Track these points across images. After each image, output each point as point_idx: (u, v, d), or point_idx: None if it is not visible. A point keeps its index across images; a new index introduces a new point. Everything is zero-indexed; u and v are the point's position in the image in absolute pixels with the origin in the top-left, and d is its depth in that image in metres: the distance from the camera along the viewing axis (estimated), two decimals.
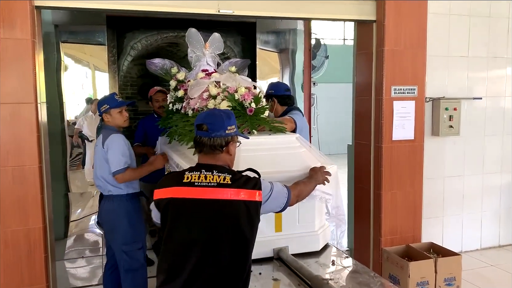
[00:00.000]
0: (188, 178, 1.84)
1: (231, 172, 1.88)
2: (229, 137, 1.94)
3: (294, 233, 2.43)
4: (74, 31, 4.55)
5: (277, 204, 2.00)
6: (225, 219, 1.81)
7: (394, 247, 4.05)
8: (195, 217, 1.80)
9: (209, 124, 1.88)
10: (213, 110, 1.99)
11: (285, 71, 5.44)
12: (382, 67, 3.90)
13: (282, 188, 2.03)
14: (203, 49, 3.54)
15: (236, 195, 1.81)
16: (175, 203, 1.82)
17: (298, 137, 2.64)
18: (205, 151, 1.90)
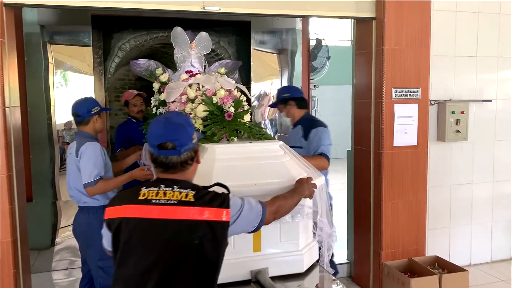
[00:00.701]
0: (144, 194, 1.58)
1: (195, 188, 1.64)
2: (196, 145, 1.70)
3: (275, 252, 2.17)
4: (61, 32, 4.34)
5: (249, 224, 1.73)
6: (187, 242, 1.56)
7: (395, 261, 3.77)
8: (151, 240, 1.55)
9: (176, 140, 1.61)
10: (167, 121, 1.66)
11: (283, 72, 5.19)
12: (382, 68, 3.63)
13: (255, 205, 1.77)
14: (189, 49, 3.31)
15: (200, 214, 1.56)
16: (128, 223, 1.56)
17: (282, 144, 2.38)
18: (172, 170, 1.65)
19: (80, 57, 4.22)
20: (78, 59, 4.24)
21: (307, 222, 2.27)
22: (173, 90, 2.65)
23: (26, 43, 4.12)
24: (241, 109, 2.43)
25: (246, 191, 2.06)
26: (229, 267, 2.06)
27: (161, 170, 1.65)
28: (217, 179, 2.07)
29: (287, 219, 2.06)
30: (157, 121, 1.68)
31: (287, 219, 2.06)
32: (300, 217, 2.08)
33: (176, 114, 1.81)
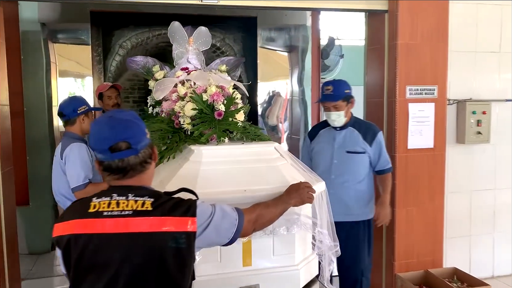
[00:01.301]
0: (95, 206, 1.37)
1: (154, 195, 1.42)
2: (151, 140, 1.49)
3: (267, 267, 1.93)
4: (62, 30, 4.22)
5: (221, 235, 1.49)
6: (145, 259, 1.34)
7: (410, 272, 3.49)
8: (105, 259, 1.33)
9: (130, 138, 1.38)
10: (111, 119, 1.42)
11: (293, 71, 4.95)
12: (395, 64, 3.37)
13: (230, 212, 1.53)
14: (187, 45, 3.11)
15: (159, 225, 1.34)
16: (77, 241, 1.34)
17: (278, 146, 2.15)
18: (131, 174, 1.42)
19: (79, 55, 4.08)
20: (78, 57, 4.09)
21: (305, 234, 2.03)
22: (162, 87, 2.45)
23: (24, 41, 3.99)
24: (234, 107, 2.21)
25: (235, 198, 1.84)
26: (215, 284, 1.86)
27: (117, 177, 1.41)
28: (202, 185, 1.87)
29: (282, 231, 1.83)
30: (99, 122, 1.43)
31: (282, 231, 1.83)
32: (296, 228, 1.84)
33: (118, 111, 1.54)
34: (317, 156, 3.07)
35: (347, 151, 2.97)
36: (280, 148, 2.15)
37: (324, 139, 3.07)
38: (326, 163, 2.98)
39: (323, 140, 3.07)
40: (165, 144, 2.27)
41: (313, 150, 3.12)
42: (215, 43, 4.58)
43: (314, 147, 3.11)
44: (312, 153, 3.12)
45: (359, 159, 2.97)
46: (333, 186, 2.85)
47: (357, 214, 2.99)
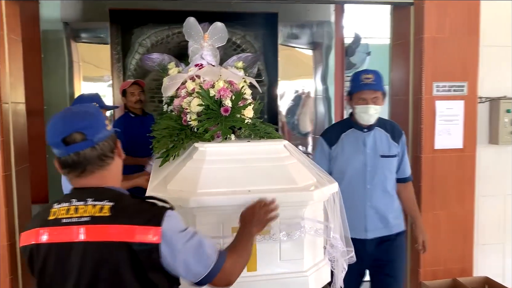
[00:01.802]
0: (54, 213, 1.26)
1: (115, 197, 1.27)
2: (112, 133, 1.35)
3: (274, 273, 1.81)
4: (83, 29, 4.22)
5: (192, 263, 1.26)
6: (101, 271, 1.21)
7: (436, 281, 3.28)
8: (64, 271, 1.23)
9: (84, 128, 1.25)
10: (66, 113, 1.31)
11: (317, 69, 4.79)
12: (421, 59, 3.17)
13: (210, 246, 1.33)
14: (202, 41, 3.03)
15: (116, 234, 1.20)
16: (39, 250, 1.25)
17: (287, 144, 2.02)
18: (90, 169, 1.28)
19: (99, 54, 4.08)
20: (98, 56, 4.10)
21: (316, 238, 1.90)
22: (170, 83, 2.37)
23: (45, 40, 4.02)
24: (242, 102, 2.10)
25: (238, 200, 1.74)
26: None
27: (76, 175, 1.29)
28: (204, 184, 1.77)
29: (282, 237, 1.70)
30: (54, 117, 1.31)
31: (282, 237, 1.70)
32: (298, 234, 1.71)
33: (80, 105, 1.45)
34: (345, 164, 2.60)
35: (381, 155, 2.59)
36: (290, 146, 2.03)
37: (350, 143, 2.61)
38: (358, 172, 2.57)
39: (349, 145, 2.60)
40: (172, 142, 2.19)
41: (335, 157, 2.62)
42: (235, 41, 4.49)
43: (338, 153, 2.62)
44: (334, 161, 2.63)
45: (393, 164, 2.63)
46: (370, 197, 2.56)
47: (395, 225, 2.67)
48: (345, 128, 2.66)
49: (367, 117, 2.55)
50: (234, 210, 1.76)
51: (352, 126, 2.64)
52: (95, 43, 4.18)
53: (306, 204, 1.79)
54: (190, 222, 1.73)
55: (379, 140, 2.62)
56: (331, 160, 2.64)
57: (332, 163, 2.64)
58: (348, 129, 2.64)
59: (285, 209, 1.78)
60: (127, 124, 3.67)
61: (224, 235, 1.74)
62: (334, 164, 2.63)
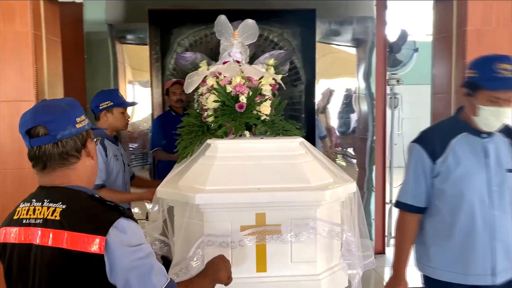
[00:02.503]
0: (18, 213, 1.24)
1: (70, 200, 1.21)
2: (84, 132, 1.28)
3: (284, 275, 1.74)
4: (126, 30, 4.35)
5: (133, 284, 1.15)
6: (47, 278, 1.18)
7: None
8: (23, 273, 1.21)
9: (48, 123, 1.21)
10: (39, 103, 1.29)
11: (359, 67, 4.62)
12: (464, 54, 2.95)
13: (161, 272, 1.22)
14: (232, 39, 3.01)
15: (61, 240, 1.15)
16: (4, 250, 1.25)
17: (303, 142, 1.95)
18: (51, 166, 1.23)
19: (140, 54, 4.19)
20: (139, 56, 4.21)
21: (331, 240, 1.81)
22: (191, 80, 2.37)
23: (89, 41, 4.18)
24: (259, 98, 2.05)
25: (246, 197, 1.69)
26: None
27: (39, 169, 1.25)
28: (213, 181, 1.75)
29: (290, 237, 1.63)
30: (33, 107, 1.29)
31: (290, 237, 1.63)
32: (307, 235, 1.63)
33: (60, 98, 1.43)
34: (460, 183, 1.84)
35: (507, 170, 1.86)
36: (306, 144, 1.95)
37: (465, 153, 1.85)
38: (480, 193, 1.83)
39: (465, 156, 1.85)
40: (191, 139, 2.18)
41: (443, 174, 1.86)
42: (272, 38, 4.44)
43: (447, 169, 1.85)
44: (442, 179, 1.87)
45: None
46: (499, 227, 1.82)
47: None
48: (454, 132, 1.89)
49: (496, 123, 1.82)
50: (243, 208, 1.72)
51: (465, 129, 1.88)
52: (136, 44, 4.29)
53: (318, 205, 1.71)
54: (198, 219, 1.71)
55: (502, 148, 1.89)
56: (436, 178, 1.88)
57: (438, 182, 1.88)
58: (459, 134, 1.88)
59: (296, 208, 1.72)
60: (165, 122, 3.71)
61: (232, 234, 1.70)
62: (442, 184, 1.87)
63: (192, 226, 1.73)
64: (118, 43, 4.38)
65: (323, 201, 1.70)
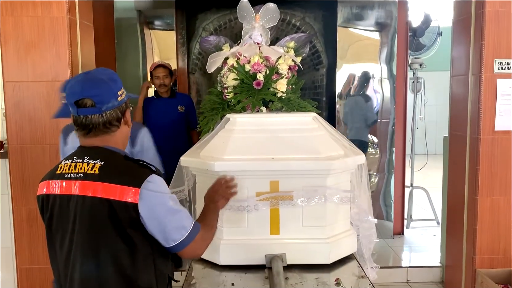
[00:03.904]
0: (61, 168, 1.42)
1: (108, 157, 1.39)
2: (123, 104, 1.45)
3: (295, 238, 1.89)
4: (155, 15, 4.52)
5: (167, 226, 1.36)
6: (88, 224, 1.34)
7: (494, 269, 3.12)
8: (65, 220, 1.38)
9: (95, 96, 1.37)
10: (86, 76, 1.43)
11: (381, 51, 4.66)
12: (482, 35, 2.99)
13: (188, 216, 1.43)
14: (253, 22, 3.14)
15: (100, 191, 1.32)
16: (48, 201, 1.41)
17: (316, 116, 2.07)
18: (95, 132, 1.41)
19: (168, 39, 4.36)
20: (166, 41, 4.38)
21: (340, 207, 1.94)
22: (212, 60, 2.51)
23: (119, 27, 4.38)
24: (276, 77, 2.18)
25: (261, 166, 1.84)
26: (241, 249, 1.89)
27: (83, 133, 1.42)
28: (232, 151, 1.90)
29: (300, 203, 1.77)
30: (75, 78, 1.45)
31: (300, 203, 1.77)
32: (317, 200, 1.77)
33: (101, 69, 1.50)
34: None
35: None
36: (319, 119, 2.08)
37: None
38: None
39: None
40: (212, 116, 2.34)
41: None
42: (295, 23, 4.52)
43: None
44: None
45: None
46: None
47: None
48: None
49: None
50: (259, 176, 1.87)
51: None
52: (163, 30, 4.47)
53: (328, 173, 1.84)
54: None
55: None
56: None
57: None
58: None
59: (307, 177, 1.86)
60: (147, 106, 3.71)
61: (248, 199, 1.85)
62: None
63: None
64: (147, 29, 4.56)
65: (332, 170, 1.83)
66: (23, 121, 2.98)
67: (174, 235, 1.37)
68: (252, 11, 3.12)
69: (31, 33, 2.93)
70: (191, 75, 4.65)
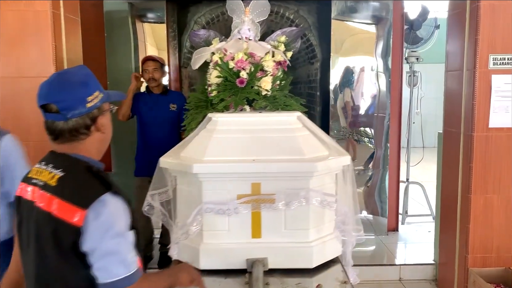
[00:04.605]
0: (32, 172, 1.36)
1: (70, 168, 1.28)
2: (95, 110, 1.31)
3: (277, 241, 1.84)
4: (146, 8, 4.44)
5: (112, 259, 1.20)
6: (39, 236, 1.26)
7: (486, 269, 3.07)
8: (30, 227, 1.30)
9: (61, 102, 1.26)
10: (56, 78, 1.32)
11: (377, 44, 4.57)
12: (477, 29, 2.92)
13: (134, 255, 1.25)
14: (243, 16, 3.07)
15: (50, 205, 1.23)
16: (19, 203, 1.36)
17: (301, 116, 2.01)
18: (61, 139, 1.30)
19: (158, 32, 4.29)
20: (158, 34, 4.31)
21: (325, 211, 1.88)
22: (197, 56, 2.45)
23: (109, 20, 4.30)
24: (260, 73, 2.12)
25: (241, 168, 1.78)
26: (221, 253, 1.84)
27: (51, 139, 1.32)
28: (212, 153, 1.84)
29: (281, 206, 1.72)
30: (48, 78, 1.33)
31: (281, 206, 1.72)
32: (297, 204, 1.72)
33: (76, 69, 1.38)
34: None
35: None
36: (303, 119, 2.02)
37: None
38: None
39: None
40: (197, 114, 2.28)
41: None
42: (288, 16, 4.43)
43: None
44: None
45: None
46: None
47: None
48: None
49: None
50: (240, 178, 1.81)
51: None
52: (154, 22, 4.38)
53: (310, 176, 1.79)
54: (197, 188, 1.81)
55: None
56: None
57: None
58: None
59: (290, 179, 1.80)
60: (136, 101, 3.58)
61: (229, 202, 1.80)
62: None
63: (192, 194, 1.84)
64: (139, 22, 4.48)
65: (315, 172, 1.77)
66: (6, 118, 2.92)
67: (119, 270, 1.20)
68: (241, 4, 3.04)
69: (14, 28, 2.85)
70: (183, 69, 4.57)
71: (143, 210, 1.92)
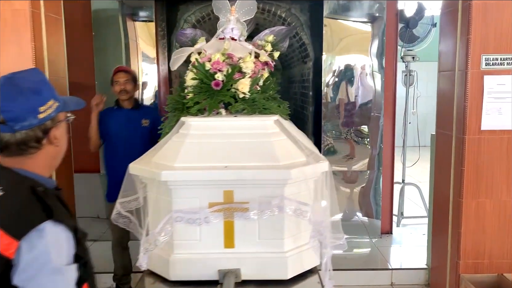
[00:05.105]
0: None
1: (12, 187, 1.12)
2: (48, 121, 1.17)
3: (251, 252, 1.76)
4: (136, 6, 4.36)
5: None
6: None
7: (479, 275, 2.99)
8: None
9: (7, 112, 1.12)
10: (4, 82, 1.16)
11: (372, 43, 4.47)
12: (469, 29, 2.82)
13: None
14: (228, 15, 2.99)
15: None
16: None
17: (278, 120, 1.93)
18: (8, 152, 1.16)
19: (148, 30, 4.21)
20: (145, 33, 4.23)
21: (298, 220, 1.80)
22: (176, 57, 2.37)
23: (97, 18, 4.23)
24: (238, 75, 2.04)
25: (213, 175, 1.71)
26: (192, 264, 1.76)
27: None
28: (183, 159, 1.77)
29: (252, 216, 1.64)
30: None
31: (252, 216, 1.64)
32: (269, 213, 1.64)
33: (29, 74, 1.23)
34: None
35: None
36: (282, 122, 1.93)
37: None
38: None
39: None
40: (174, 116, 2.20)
41: None
42: (280, 14, 4.34)
43: None
44: None
45: None
46: None
47: None
48: None
49: None
50: (211, 186, 1.74)
51: None
52: (144, 21, 4.30)
53: (284, 183, 1.71)
54: (167, 195, 1.74)
55: None
56: None
57: None
58: None
59: (263, 187, 1.73)
60: (104, 118, 3.23)
61: (200, 210, 1.72)
62: None
63: (162, 202, 1.77)
64: (129, 20, 4.40)
65: (289, 179, 1.70)
66: None
67: None
68: (227, 3, 2.96)
69: None
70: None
71: (112, 218, 1.85)
